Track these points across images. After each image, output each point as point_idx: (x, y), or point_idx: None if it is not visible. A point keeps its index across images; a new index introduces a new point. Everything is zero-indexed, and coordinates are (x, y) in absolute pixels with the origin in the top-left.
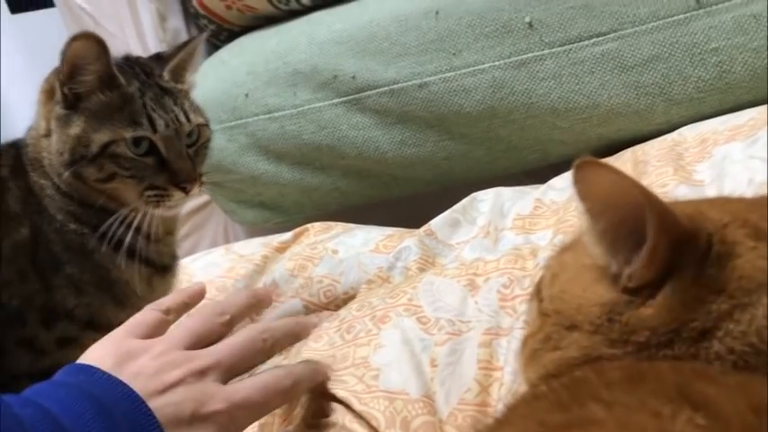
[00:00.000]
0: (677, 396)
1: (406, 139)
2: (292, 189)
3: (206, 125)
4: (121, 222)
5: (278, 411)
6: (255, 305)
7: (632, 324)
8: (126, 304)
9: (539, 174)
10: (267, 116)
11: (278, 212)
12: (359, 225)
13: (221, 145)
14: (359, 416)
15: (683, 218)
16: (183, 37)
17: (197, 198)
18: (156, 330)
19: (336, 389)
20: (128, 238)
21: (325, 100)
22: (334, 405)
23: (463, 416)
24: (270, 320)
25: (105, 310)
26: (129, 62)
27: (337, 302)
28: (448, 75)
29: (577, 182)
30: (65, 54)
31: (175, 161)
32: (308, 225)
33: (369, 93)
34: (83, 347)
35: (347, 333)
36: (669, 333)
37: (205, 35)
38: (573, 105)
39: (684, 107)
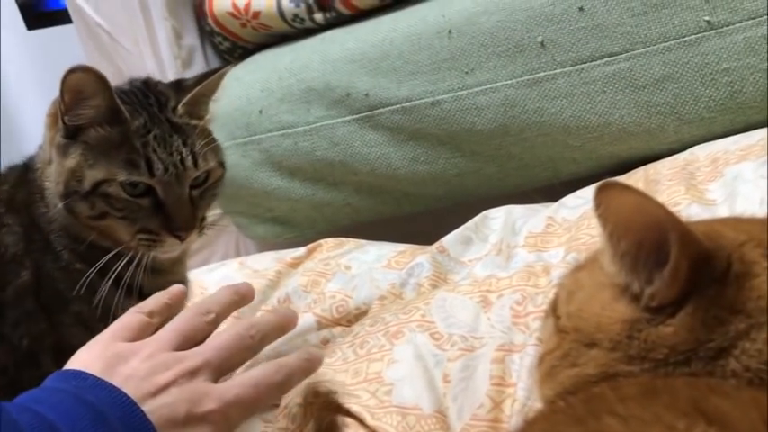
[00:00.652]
0: (692, 410)
1: (418, 155)
2: (304, 205)
3: (219, 165)
4: (117, 260)
5: (290, 426)
6: (239, 301)
7: (651, 341)
8: None
9: (548, 192)
10: (280, 132)
11: (290, 228)
12: (371, 241)
13: (235, 161)
14: (372, 431)
15: (702, 237)
16: (199, 54)
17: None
18: (141, 333)
19: (349, 403)
20: (126, 276)
21: (338, 117)
22: (347, 420)
23: (475, 431)
24: (258, 319)
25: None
26: (145, 89)
27: (349, 318)
28: (460, 93)
29: (599, 204)
30: (63, 85)
31: (173, 207)
32: (322, 241)
33: (381, 110)
34: None
35: (360, 348)
36: (687, 351)
37: (231, 68)
38: (585, 124)
39: (696, 127)
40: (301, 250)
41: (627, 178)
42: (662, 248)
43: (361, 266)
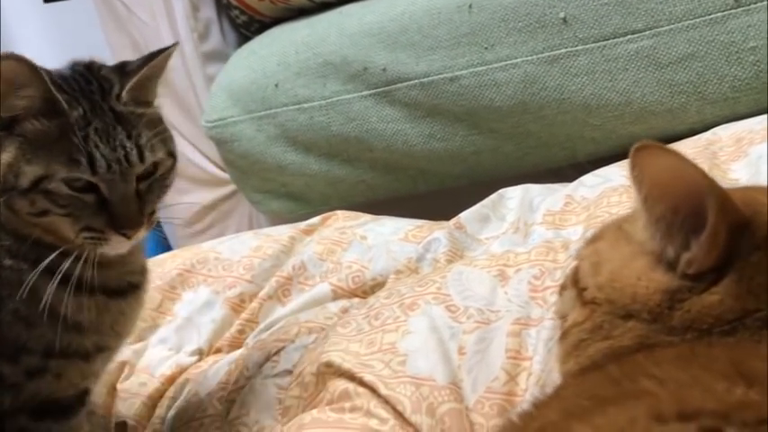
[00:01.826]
0: (731, 372)
1: (435, 132)
2: (319, 180)
3: (169, 156)
4: (63, 258)
5: (303, 394)
6: None
7: (695, 311)
8: (84, 330)
9: (562, 174)
10: (296, 107)
11: (303, 203)
12: (386, 216)
13: (250, 135)
14: (385, 400)
15: (740, 204)
16: (215, 27)
17: (223, 188)
18: None
19: (363, 373)
20: (75, 273)
21: (354, 92)
22: (360, 389)
23: (490, 404)
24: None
25: (63, 338)
26: (88, 74)
27: (365, 288)
28: (479, 69)
29: (635, 166)
30: None
31: (118, 204)
32: (336, 211)
33: (399, 85)
34: (57, 376)
35: (375, 320)
36: (734, 321)
37: (175, 48)
38: (605, 102)
39: (719, 106)
40: (315, 219)
41: None
42: (699, 213)
43: (378, 238)
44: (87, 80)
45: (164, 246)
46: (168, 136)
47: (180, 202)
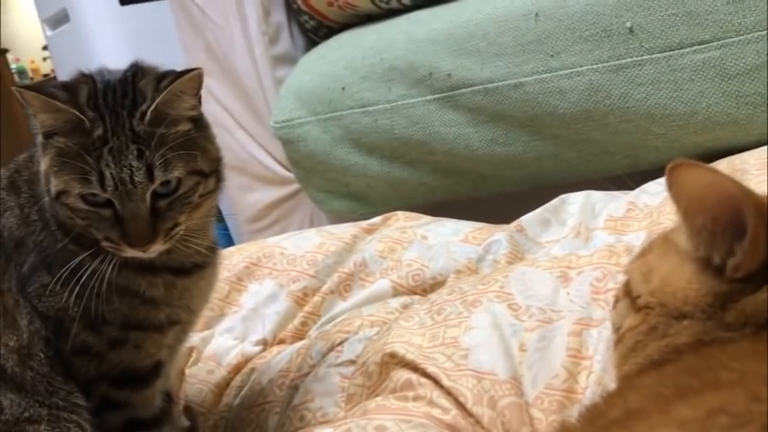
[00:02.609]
0: None
1: (497, 137)
2: (380, 182)
3: (194, 173)
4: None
5: (367, 383)
6: None
7: (750, 309)
8: (157, 304)
9: (620, 182)
10: (361, 110)
11: (364, 204)
12: (447, 218)
13: (315, 136)
14: (447, 392)
15: None
16: (285, 32)
17: (287, 187)
18: None
19: (426, 365)
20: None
21: (419, 96)
22: (423, 380)
23: (549, 400)
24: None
25: (136, 312)
26: (129, 84)
27: (425, 287)
28: (544, 76)
29: (672, 184)
30: (20, 97)
31: (129, 222)
32: (397, 212)
33: (463, 90)
34: (136, 347)
35: (437, 315)
36: None
37: (201, 71)
38: (670, 112)
39: None
40: (377, 219)
41: None
42: (738, 221)
43: (438, 238)
44: (124, 92)
45: (226, 240)
46: (196, 152)
47: (245, 199)
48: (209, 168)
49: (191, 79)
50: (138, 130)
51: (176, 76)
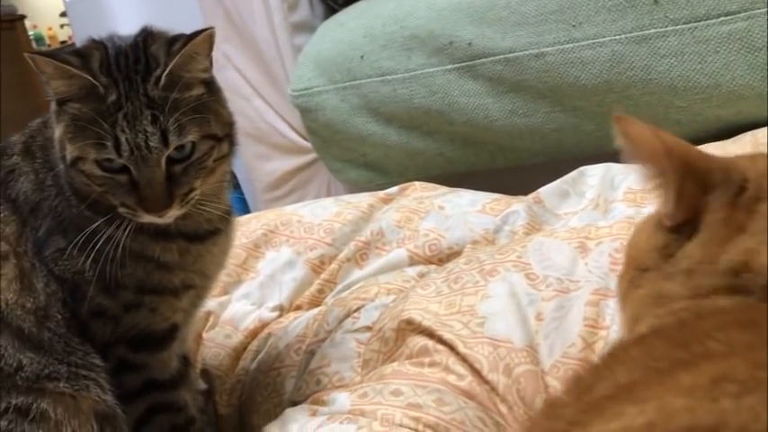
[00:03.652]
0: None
1: (517, 108)
2: (398, 152)
3: (207, 138)
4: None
5: (383, 348)
6: None
7: (679, 258)
8: (171, 269)
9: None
10: (380, 79)
11: (382, 173)
12: (464, 189)
13: (333, 105)
14: (463, 358)
15: (714, 164)
16: None
17: (304, 156)
18: None
19: (442, 332)
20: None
21: (438, 65)
22: (439, 347)
23: (565, 369)
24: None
25: (151, 276)
26: (141, 50)
27: (441, 257)
28: (566, 46)
29: (619, 134)
30: (33, 64)
31: (145, 188)
32: (414, 182)
33: (483, 60)
34: (152, 310)
35: (454, 283)
36: (710, 266)
37: (213, 30)
38: (693, 84)
39: None
40: (394, 189)
41: (733, 143)
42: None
43: (455, 209)
44: (137, 57)
45: (242, 207)
46: (210, 116)
47: (262, 167)
48: (222, 132)
49: (203, 40)
50: (152, 95)
51: (189, 38)
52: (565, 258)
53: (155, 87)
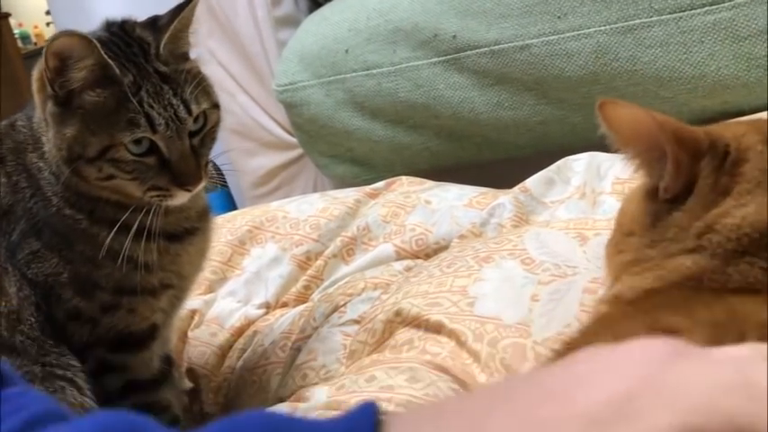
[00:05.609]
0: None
1: (503, 101)
2: (384, 146)
3: (213, 107)
4: (134, 214)
5: (369, 340)
6: None
7: (666, 225)
8: (150, 268)
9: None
10: (365, 73)
11: (368, 168)
12: (451, 183)
13: (318, 99)
14: (447, 334)
15: (700, 133)
16: None
17: (290, 152)
18: None
19: (429, 314)
20: (135, 224)
21: (423, 59)
22: (423, 334)
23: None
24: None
25: (129, 276)
26: (125, 36)
27: (428, 251)
28: (551, 38)
29: (604, 120)
30: (48, 52)
31: (178, 162)
32: (401, 177)
33: (468, 53)
34: (130, 311)
35: (447, 268)
36: (688, 231)
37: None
38: (679, 75)
39: None
40: (380, 183)
41: None
42: (663, 149)
43: (442, 203)
44: (127, 43)
45: (229, 204)
46: (208, 86)
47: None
48: (218, 100)
49: (191, 10)
50: (161, 70)
51: (176, 10)
52: (562, 247)
53: (160, 63)
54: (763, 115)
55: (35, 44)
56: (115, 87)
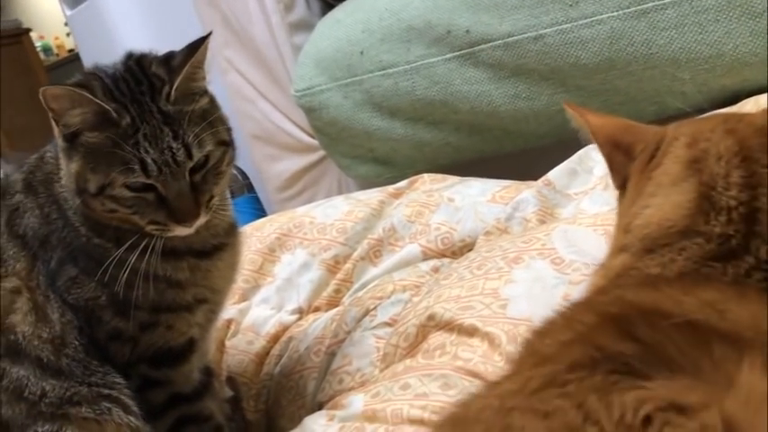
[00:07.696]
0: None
1: (520, 92)
2: (405, 144)
3: (220, 145)
4: (144, 238)
5: (402, 344)
6: None
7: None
8: (183, 286)
9: None
10: (381, 73)
11: (390, 167)
12: (473, 178)
13: (337, 102)
14: (481, 337)
15: (639, 137)
16: None
17: (313, 154)
18: None
19: (462, 318)
20: (160, 246)
21: (438, 55)
22: (455, 338)
23: None
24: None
25: (164, 295)
26: (139, 73)
27: (454, 249)
28: (564, 26)
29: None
30: (44, 100)
31: (174, 201)
32: (423, 174)
33: (483, 46)
34: (168, 327)
35: (477, 270)
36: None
37: (210, 36)
38: (695, 56)
39: None
40: (403, 182)
41: (738, 108)
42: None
43: (465, 200)
44: (137, 80)
45: (259, 209)
46: (219, 122)
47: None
48: (228, 137)
49: (205, 48)
50: (166, 110)
51: (190, 50)
52: (590, 245)
53: (167, 103)
54: None
55: (57, 55)
56: (112, 129)
